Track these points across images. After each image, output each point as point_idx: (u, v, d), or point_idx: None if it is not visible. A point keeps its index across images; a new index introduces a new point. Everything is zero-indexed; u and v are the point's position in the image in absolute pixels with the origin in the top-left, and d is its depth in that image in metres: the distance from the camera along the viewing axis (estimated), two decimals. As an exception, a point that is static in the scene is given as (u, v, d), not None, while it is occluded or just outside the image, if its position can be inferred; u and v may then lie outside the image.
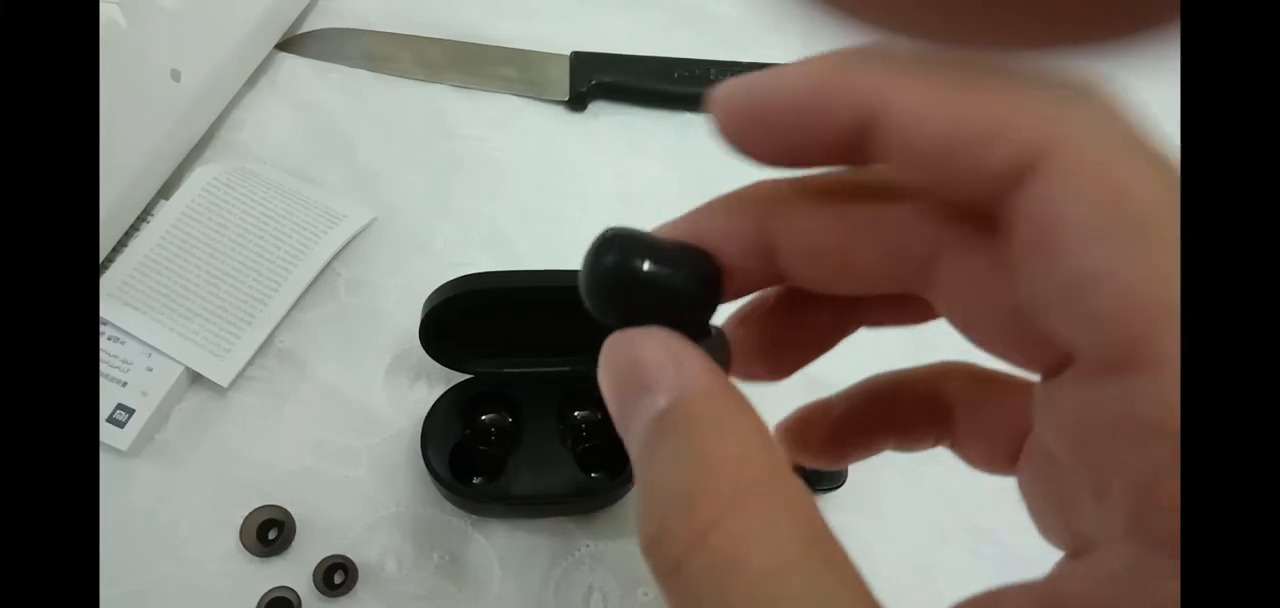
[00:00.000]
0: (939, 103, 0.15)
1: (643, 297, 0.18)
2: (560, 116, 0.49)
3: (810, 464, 0.22)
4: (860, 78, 0.15)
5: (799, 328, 0.21)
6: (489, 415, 0.38)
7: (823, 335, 0.21)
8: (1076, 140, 0.14)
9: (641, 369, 0.17)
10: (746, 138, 0.17)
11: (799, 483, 0.16)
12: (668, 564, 0.15)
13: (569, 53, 0.50)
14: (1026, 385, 0.18)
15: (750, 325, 0.21)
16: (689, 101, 0.50)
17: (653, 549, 0.15)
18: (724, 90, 0.17)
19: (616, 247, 0.18)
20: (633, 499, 0.37)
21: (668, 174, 0.47)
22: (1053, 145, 0.14)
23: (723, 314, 0.19)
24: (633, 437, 0.17)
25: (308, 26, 0.50)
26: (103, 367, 0.37)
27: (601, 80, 0.49)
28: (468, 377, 0.37)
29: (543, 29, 0.51)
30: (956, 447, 0.21)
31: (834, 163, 0.17)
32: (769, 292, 0.21)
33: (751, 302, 0.21)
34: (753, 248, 0.18)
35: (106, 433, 0.36)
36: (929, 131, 0.15)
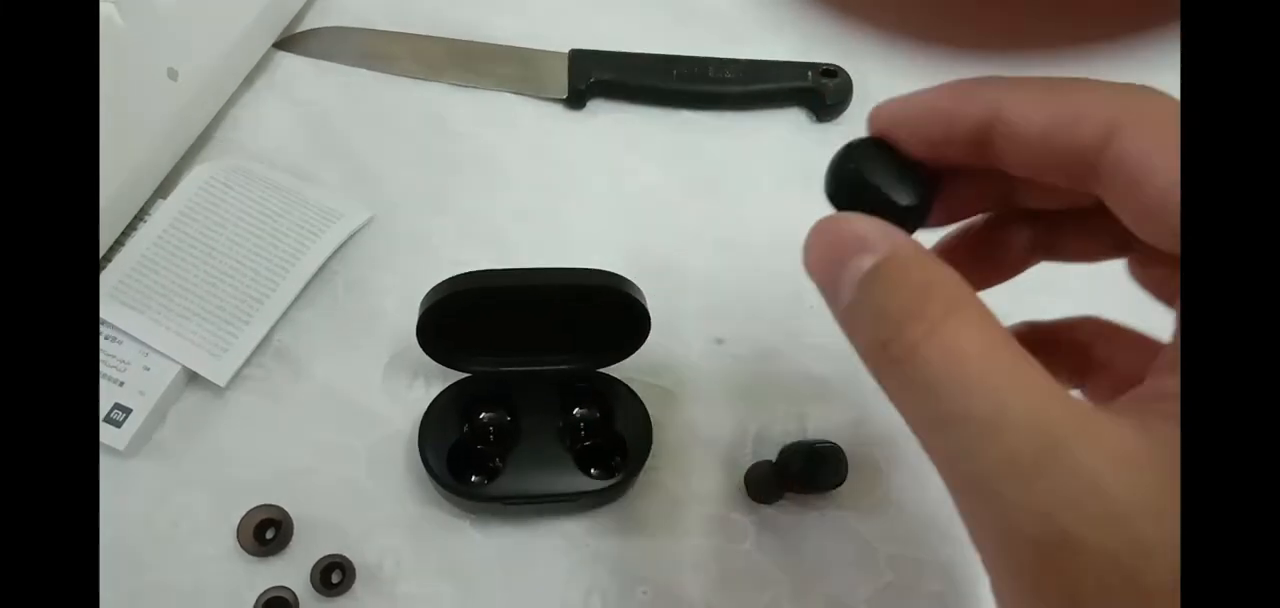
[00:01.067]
0: (1038, 102, 0.21)
1: (870, 201, 0.23)
2: (559, 114, 0.49)
3: None
4: (982, 90, 0.22)
5: (996, 248, 0.26)
6: (487, 414, 0.37)
7: (1014, 259, 0.26)
8: (1136, 112, 0.19)
9: (857, 238, 0.21)
10: (897, 134, 0.23)
11: (987, 309, 0.20)
12: (896, 359, 0.20)
13: (568, 51, 0.50)
14: (1149, 339, 0.25)
15: (954, 247, 0.27)
16: (688, 99, 0.49)
17: (881, 354, 0.20)
18: (883, 103, 0.24)
19: (857, 156, 0.23)
20: (632, 498, 0.37)
21: (667, 172, 0.47)
22: (1121, 118, 0.19)
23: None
24: (842, 286, 0.21)
25: (305, 25, 0.50)
26: (103, 368, 0.37)
27: (600, 78, 0.49)
28: (465, 375, 0.37)
29: (541, 27, 0.51)
30: (1089, 391, 0.26)
31: (963, 158, 0.22)
32: (973, 222, 0.26)
33: (955, 231, 0.27)
34: (975, 130, 0.22)
35: (103, 433, 0.36)
36: (1035, 119, 0.21)
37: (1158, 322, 0.23)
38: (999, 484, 0.18)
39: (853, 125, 0.49)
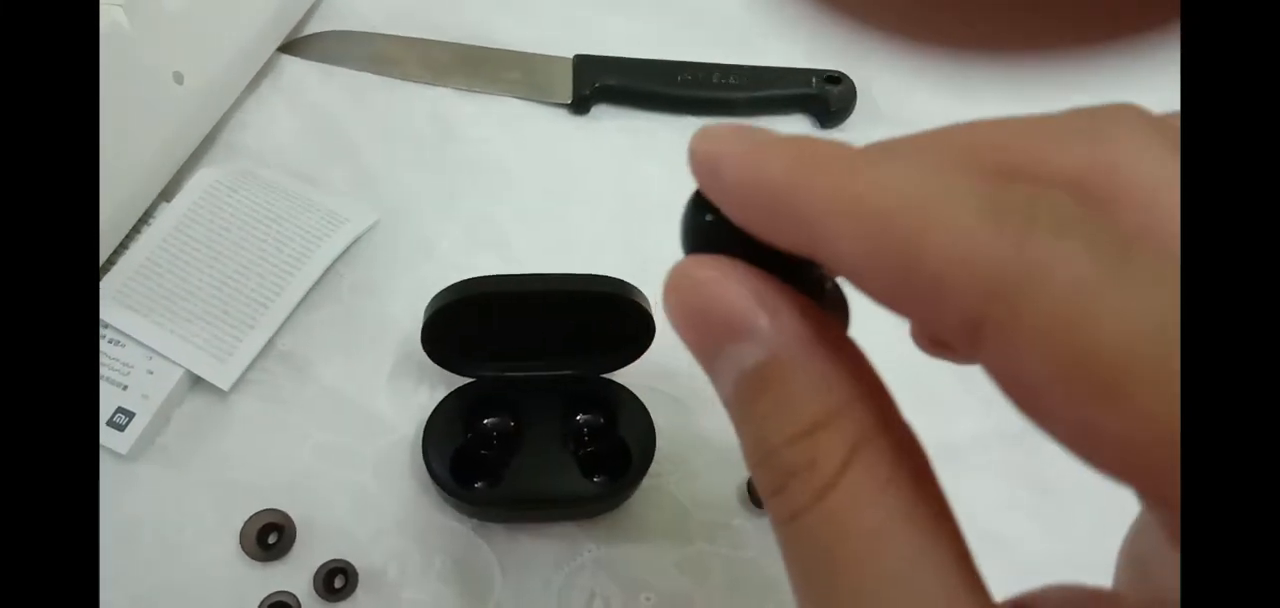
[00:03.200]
0: (871, 265, 0.14)
1: (748, 256, 0.17)
2: (563, 119, 0.49)
3: None
4: (805, 204, 0.15)
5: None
6: (491, 419, 0.37)
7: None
8: (1034, 284, 0.13)
9: (732, 321, 0.16)
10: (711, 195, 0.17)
11: (907, 434, 0.16)
12: (784, 514, 0.15)
13: (572, 56, 0.50)
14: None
15: None
16: (692, 105, 0.50)
17: (771, 500, 0.16)
18: (699, 139, 0.17)
19: (694, 210, 0.18)
20: (635, 504, 0.37)
21: (671, 177, 0.47)
22: (1010, 291, 0.13)
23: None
24: (721, 380, 0.17)
25: (311, 29, 0.50)
26: (103, 370, 0.37)
27: (604, 83, 0.49)
28: (470, 380, 0.37)
29: (546, 32, 0.51)
30: None
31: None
32: None
33: None
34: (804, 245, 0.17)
35: (106, 436, 0.36)
36: (873, 288, 0.15)
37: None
38: None
39: (857, 131, 0.50)
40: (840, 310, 0.19)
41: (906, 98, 0.51)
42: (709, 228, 0.17)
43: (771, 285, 0.16)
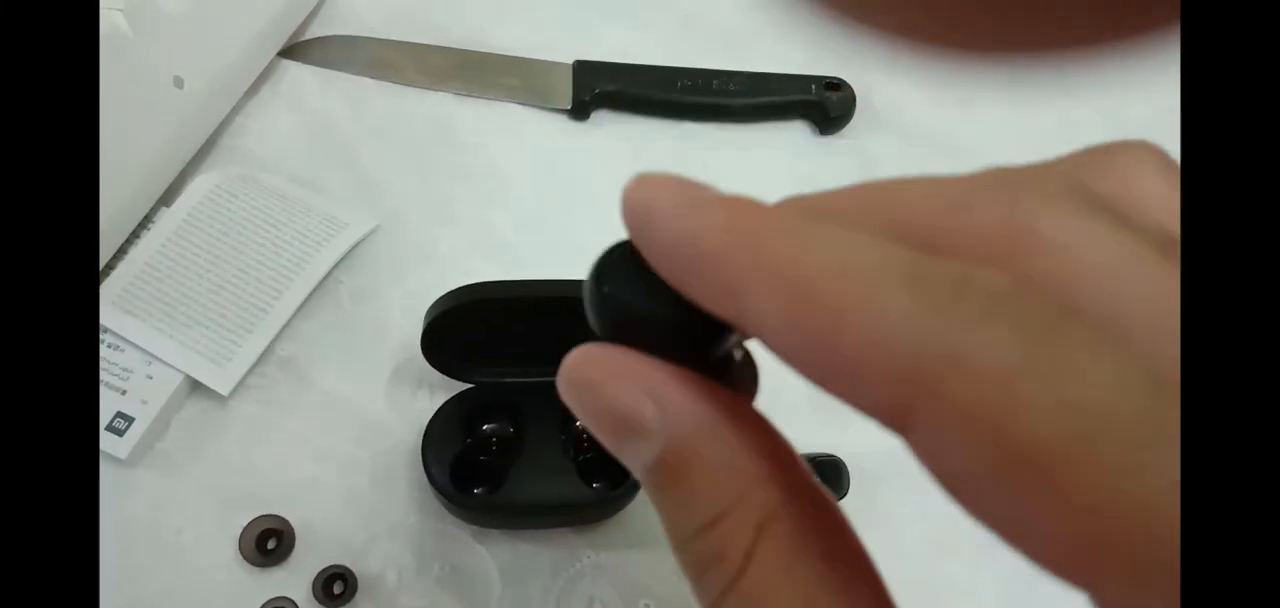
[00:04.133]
0: (791, 346, 0.14)
1: (645, 334, 0.16)
2: (563, 125, 0.49)
3: None
4: (732, 276, 0.15)
5: None
6: (490, 425, 0.37)
7: None
8: (957, 371, 0.12)
9: (624, 416, 0.16)
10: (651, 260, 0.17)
11: (815, 496, 0.16)
12: (706, 602, 0.16)
13: (572, 61, 0.50)
14: None
15: None
16: (692, 111, 0.50)
17: (694, 587, 0.16)
18: (634, 187, 0.17)
19: (614, 273, 0.17)
20: (634, 510, 0.37)
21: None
22: (931, 378, 0.12)
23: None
24: (632, 468, 0.17)
25: (311, 34, 0.50)
26: (102, 375, 0.37)
27: (604, 89, 0.49)
28: (469, 386, 0.37)
29: (546, 37, 0.51)
30: None
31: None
32: None
33: None
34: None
35: (106, 441, 0.36)
36: (799, 363, 0.14)
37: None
38: None
39: (856, 138, 0.50)
40: (749, 380, 0.18)
41: (906, 103, 0.51)
42: (608, 300, 0.17)
43: (664, 373, 0.16)
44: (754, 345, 0.18)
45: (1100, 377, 0.12)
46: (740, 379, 0.18)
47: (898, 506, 0.37)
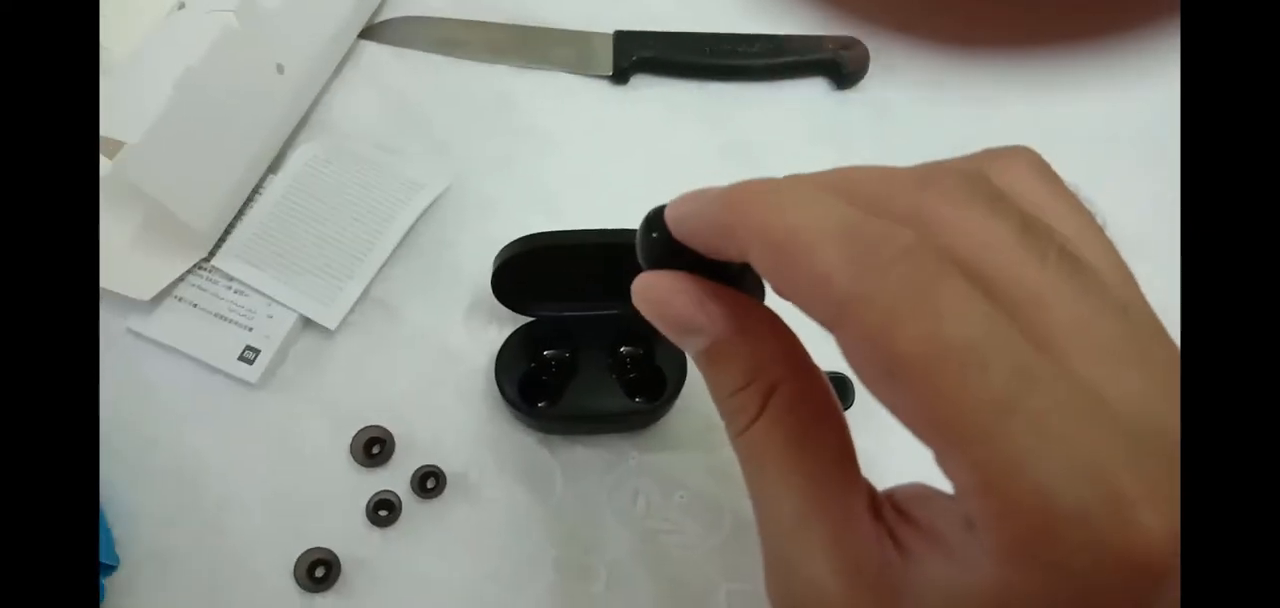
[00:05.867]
0: (765, 267, 0.21)
1: (680, 261, 0.24)
2: (606, 90, 0.55)
3: None
4: (743, 226, 0.21)
5: None
6: (550, 351, 0.44)
7: None
8: (861, 304, 0.19)
9: (682, 320, 0.23)
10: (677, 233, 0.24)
11: (809, 368, 0.24)
12: (732, 435, 0.24)
13: (613, 31, 0.56)
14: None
15: None
16: (720, 72, 0.55)
17: (726, 428, 0.24)
18: (674, 206, 0.24)
19: (660, 226, 0.24)
20: (670, 420, 0.44)
21: (703, 139, 0.53)
22: (846, 307, 0.19)
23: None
24: (688, 353, 0.24)
25: (385, 16, 0.57)
26: (233, 316, 0.45)
27: (642, 56, 0.55)
28: (532, 319, 0.44)
29: (590, 8, 0.57)
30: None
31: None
32: None
33: None
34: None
35: (239, 370, 0.44)
36: (778, 287, 0.21)
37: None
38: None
39: (871, 92, 0.55)
40: (758, 290, 0.26)
41: (918, 62, 0.56)
42: (657, 244, 0.24)
43: (707, 290, 0.23)
44: None
45: (958, 320, 0.17)
46: (753, 288, 0.25)
47: (891, 418, 0.44)
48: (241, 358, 0.44)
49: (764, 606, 0.23)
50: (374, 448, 0.43)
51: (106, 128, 0.42)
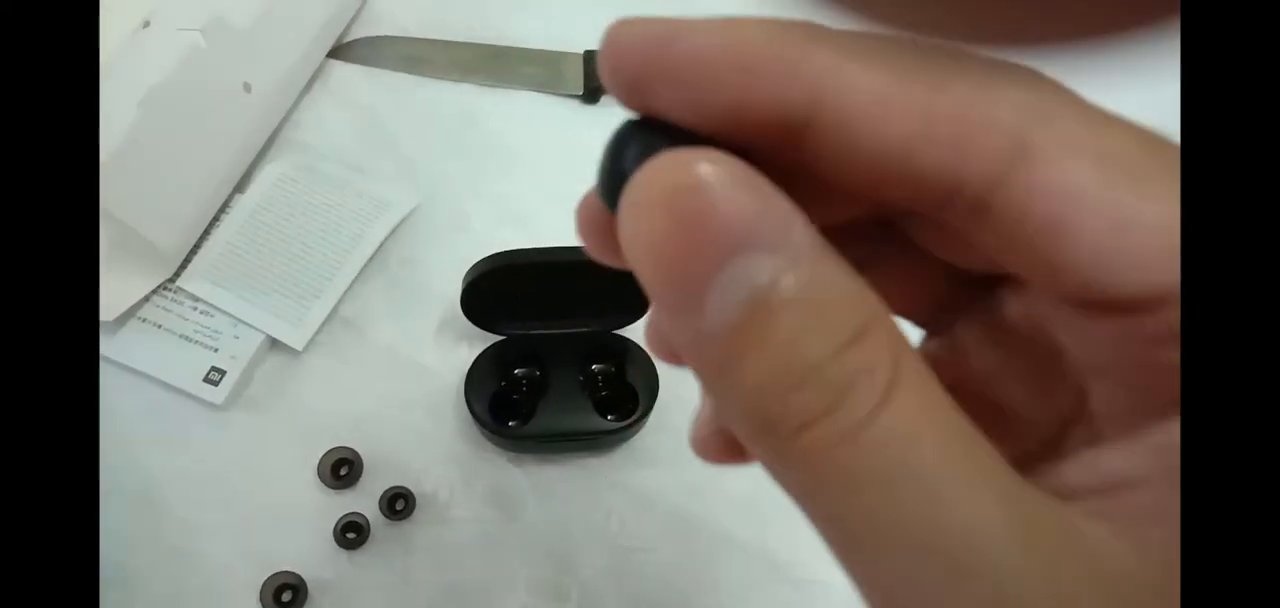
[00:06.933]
0: (896, 104, 0.14)
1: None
2: (577, 109, 0.55)
3: None
4: (803, 65, 0.14)
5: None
6: (520, 370, 0.44)
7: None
8: (1047, 128, 0.13)
9: (740, 228, 0.13)
10: (645, 89, 0.15)
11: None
12: (834, 437, 0.13)
13: (583, 51, 0.56)
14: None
15: None
16: (690, 92, 0.56)
17: (809, 431, 0.13)
18: (625, 26, 0.16)
19: (631, 144, 0.16)
20: (640, 440, 0.44)
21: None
22: (1030, 139, 0.13)
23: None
24: (708, 298, 0.13)
25: (353, 35, 0.57)
26: (198, 337, 0.45)
27: (612, 75, 0.55)
28: (502, 338, 0.44)
29: (560, 29, 0.58)
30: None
31: (759, 145, 0.15)
32: None
33: None
34: (784, 119, 0.15)
35: (205, 392, 0.43)
36: (891, 133, 0.14)
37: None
38: None
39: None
40: None
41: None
42: (621, 173, 0.15)
43: (787, 209, 0.13)
44: None
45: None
46: None
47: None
48: (207, 379, 0.44)
49: None
50: (342, 469, 0.42)
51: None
